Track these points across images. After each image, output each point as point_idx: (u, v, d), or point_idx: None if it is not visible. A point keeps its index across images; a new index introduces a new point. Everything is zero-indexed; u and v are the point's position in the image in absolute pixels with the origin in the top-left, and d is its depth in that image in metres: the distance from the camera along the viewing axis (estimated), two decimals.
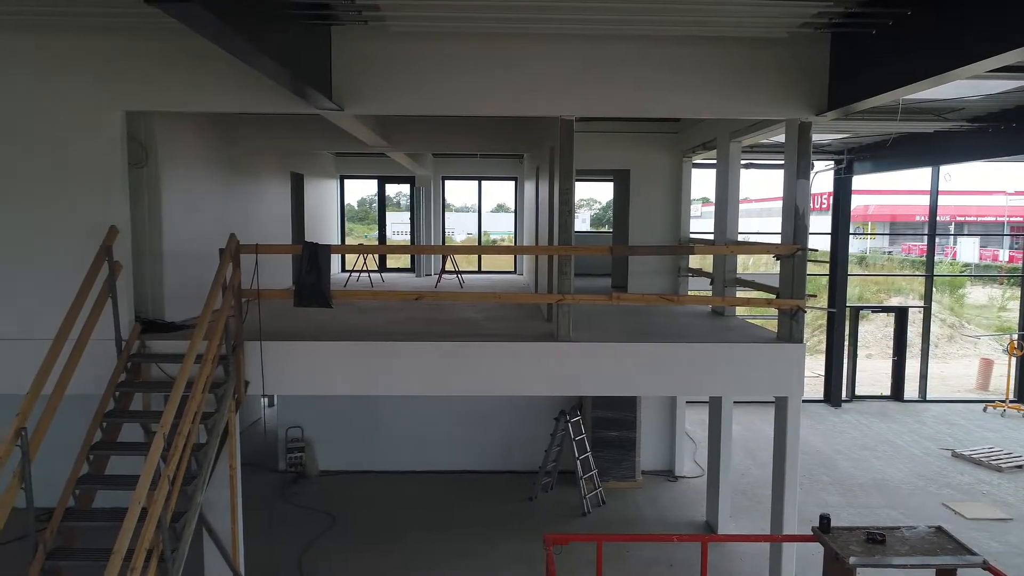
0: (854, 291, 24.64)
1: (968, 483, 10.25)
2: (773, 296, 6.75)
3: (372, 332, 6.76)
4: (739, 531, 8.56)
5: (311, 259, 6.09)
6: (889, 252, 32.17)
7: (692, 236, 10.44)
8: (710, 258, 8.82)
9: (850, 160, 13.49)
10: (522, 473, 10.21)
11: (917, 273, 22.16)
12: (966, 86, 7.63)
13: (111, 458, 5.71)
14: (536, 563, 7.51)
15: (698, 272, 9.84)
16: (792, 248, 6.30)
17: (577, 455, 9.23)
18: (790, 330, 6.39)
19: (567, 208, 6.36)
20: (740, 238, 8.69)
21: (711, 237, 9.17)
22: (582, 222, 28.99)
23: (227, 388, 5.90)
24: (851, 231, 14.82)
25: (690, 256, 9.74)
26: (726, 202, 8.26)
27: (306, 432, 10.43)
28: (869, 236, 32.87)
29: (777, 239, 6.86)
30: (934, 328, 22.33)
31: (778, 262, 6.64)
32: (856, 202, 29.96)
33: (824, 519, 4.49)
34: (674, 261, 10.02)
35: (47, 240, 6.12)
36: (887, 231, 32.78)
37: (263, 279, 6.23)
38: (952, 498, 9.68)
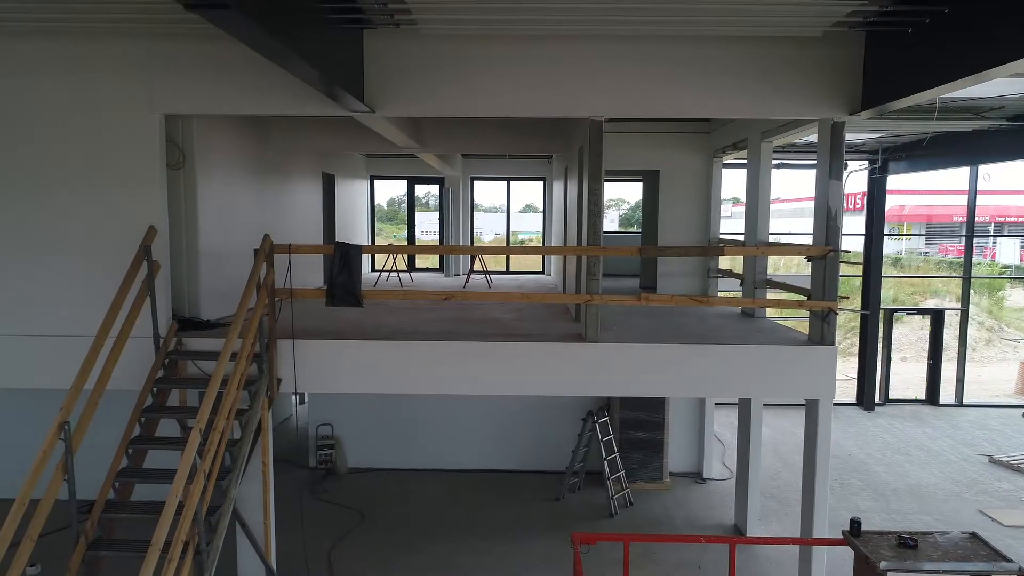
0: (888, 293, 24.17)
1: (1006, 490, 10.02)
2: (804, 298, 6.67)
3: (402, 331, 6.83)
4: (768, 535, 8.47)
5: (343, 259, 6.18)
6: (925, 253, 31.41)
7: (722, 237, 10.36)
8: (740, 259, 8.74)
9: (885, 160, 13.26)
10: (549, 473, 10.22)
11: (954, 275, 21.68)
12: (1005, 84, 7.47)
13: (149, 452, 5.88)
14: (563, 563, 7.52)
15: (728, 273, 9.76)
16: (824, 250, 6.22)
17: (604, 456, 9.22)
18: (821, 332, 6.31)
19: (595, 209, 6.37)
20: (772, 239, 8.59)
21: (742, 238, 9.09)
22: (611, 222, 28.81)
23: (260, 385, 6.03)
24: (886, 232, 14.54)
25: (720, 257, 9.67)
26: (757, 203, 8.19)
27: (336, 430, 10.58)
28: (905, 237, 32.11)
29: (809, 240, 6.78)
30: (972, 331, 21.82)
31: (810, 263, 6.56)
32: (892, 202, 29.31)
33: (855, 523, 4.44)
34: (704, 262, 9.93)
35: (89, 240, 6.30)
36: (923, 232, 32.00)
37: (295, 278, 6.34)
38: (989, 505, 9.47)
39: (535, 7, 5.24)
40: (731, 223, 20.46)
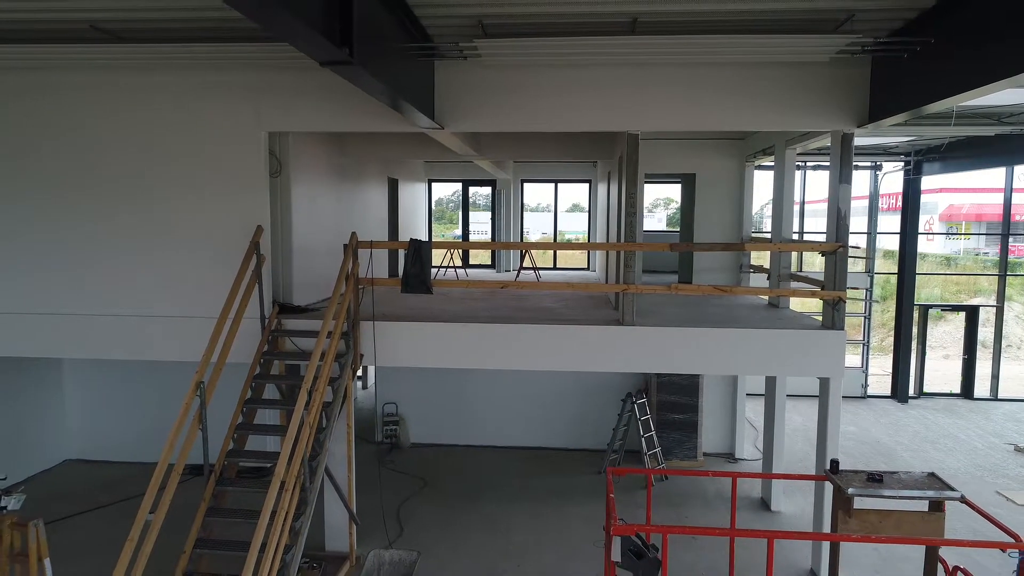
0: (934, 291, 24.30)
1: None
2: (818, 288, 7.50)
3: (462, 316, 7.90)
4: (791, 508, 9.28)
5: (416, 253, 7.29)
6: (985, 253, 30.96)
7: (753, 235, 11.16)
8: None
9: (918, 161, 13.80)
10: (592, 451, 11.21)
11: (989, 272, 21.72)
12: (1014, 94, 8.11)
13: (257, 411, 7.11)
14: (601, 522, 8.48)
15: (759, 269, 10.59)
16: (834, 245, 7.06)
17: (642, 434, 10.16)
18: (832, 318, 7.15)
19: (632, 210, 7.33)
20: (820, 237, 9.38)
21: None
22: (658, 221, 29.44)
23: (347, 358, 7.19)
24: (945, 231, 15.01)
25: (752, 253, 10.49)
26: (782, 203, 9.01)
27: (400, 408, 11.76)
28: (963, 236, 31.68)
29: (857, 239, 7.55)
30: (1018, 329, 21.89)
31: (855, 260, 7.34)
32: (949, 201, 29.09)
33: (834, 463, 5.32)
34: (736, 258, 10.78)
35: (206, 237, 7.55)
36: (983, 231, 31.41)
37: (365, 270, 7.48)
38: (1007, 487, 10.05)
39: (581, 43, 6.24)
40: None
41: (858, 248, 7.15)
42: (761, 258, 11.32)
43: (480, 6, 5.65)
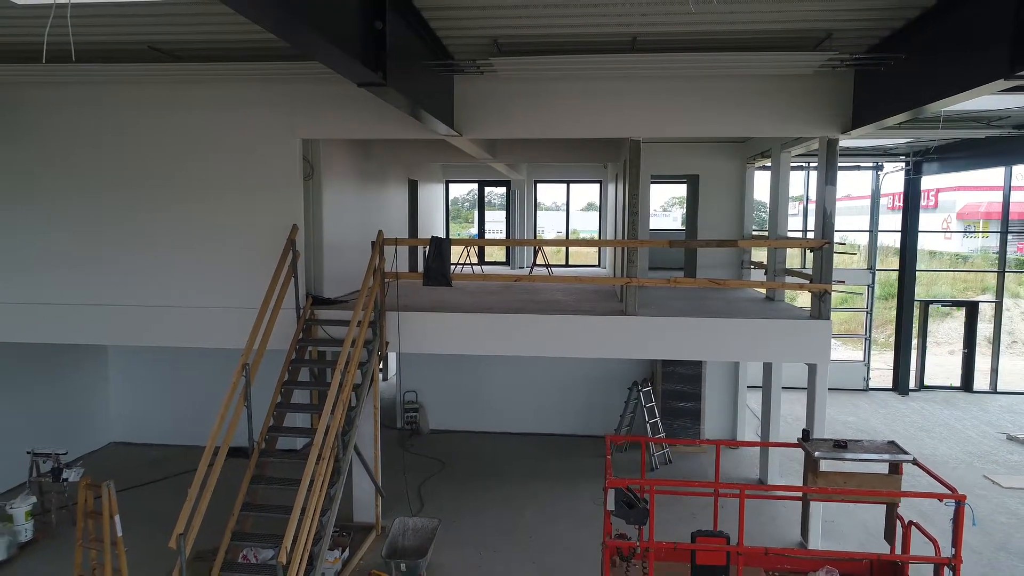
0: (943, 289, 24.67)
1: (1016, 461, 11.08)
2: (807, 282, 8.10)
3: (478, 307, 8.56)
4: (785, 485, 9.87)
5: (436, 249, 7.99)
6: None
7: (754, 232, 11.76)
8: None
9: (917, 162, 14.32)
10: (600, 437, 11.85)
11: (989, 269, 22.02)
12: (996, 99, 8.64)
13: (294, 392, 7.84)
14: None
15: (759, 265, 11.19)
16: (821, 242, 7.67)
17: (647, 420, 10.80)
18: (819, 309, 7.76)
19: (634, 210, 7.98)
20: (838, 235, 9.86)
21: (796, 234, 10.48)
22: (673, 220, 30.00)
23: (375, 345, 7.91)
24: (963, 230, 15.44)
25: (753, 250, 11.08)
26: (777, 202, 9.62)
27: (419, 397, 12.49)
28: (983, 235, 31.82)
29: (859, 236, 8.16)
30: (1022, 325, 22.26)
31: (853, 257, 7.95)
32: (967, 199, 29.26)
33: (805, 432, 5.95)
34: (737, 255, 11.39)
35: (247, 235, 8.29)
36: (1003, 229, 31.30)
37: (388, 265, 8.16)
38: (995, 472, 10.59)
39: (588, 61, 6.91)
40: (793, 220, 21.34)
41: (843, 244, 7.69)
42: (763, 255, 11.89)
43: (496, 28, 6.33)
